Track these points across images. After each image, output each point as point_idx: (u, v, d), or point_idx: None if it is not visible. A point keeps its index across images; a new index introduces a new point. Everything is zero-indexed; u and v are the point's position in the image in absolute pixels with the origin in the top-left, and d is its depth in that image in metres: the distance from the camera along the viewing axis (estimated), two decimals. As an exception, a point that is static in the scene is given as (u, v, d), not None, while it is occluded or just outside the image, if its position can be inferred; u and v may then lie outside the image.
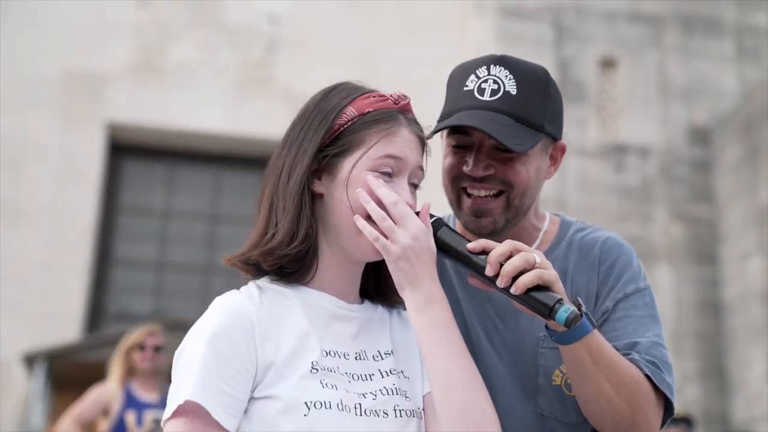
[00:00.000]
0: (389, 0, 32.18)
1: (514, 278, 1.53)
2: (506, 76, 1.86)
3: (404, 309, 1.71)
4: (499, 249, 1.56)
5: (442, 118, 1.96)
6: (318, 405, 1.46)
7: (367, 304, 1.73)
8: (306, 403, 1.46)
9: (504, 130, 1.77)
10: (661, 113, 31.49)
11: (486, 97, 1.85)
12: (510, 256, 1.55)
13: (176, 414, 1.47)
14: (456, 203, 1.92)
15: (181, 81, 30.32)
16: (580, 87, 30.05)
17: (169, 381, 5.11)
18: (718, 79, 32.34)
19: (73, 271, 27.85)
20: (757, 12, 33.61)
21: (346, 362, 1.57)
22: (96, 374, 26.06)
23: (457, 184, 1.90)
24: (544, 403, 1.84)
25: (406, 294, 1.63)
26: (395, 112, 1.73)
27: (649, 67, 32.02)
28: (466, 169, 1.87)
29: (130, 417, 7.21)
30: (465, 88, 1.93)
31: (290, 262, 1.60)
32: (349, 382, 1.55)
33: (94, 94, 30.25)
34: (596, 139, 29.06)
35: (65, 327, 26.49)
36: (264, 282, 1.63)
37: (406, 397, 1.60)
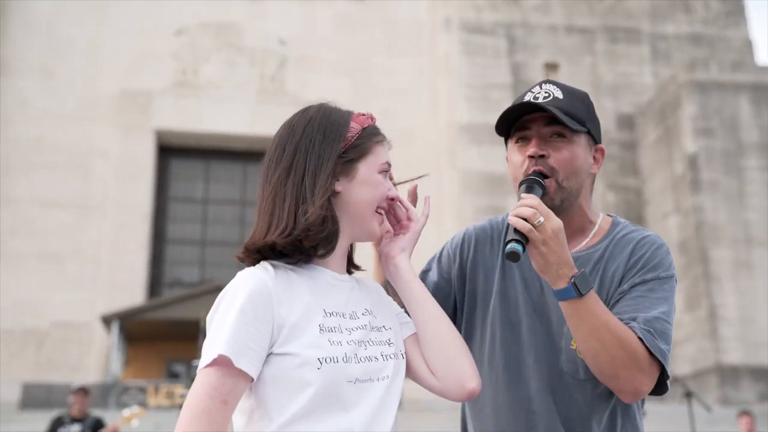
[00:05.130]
0: (373, 20, 32.57)
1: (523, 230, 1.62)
2: (554, 88, 1.85)
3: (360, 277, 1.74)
4: (529, 200, 1.64)
5: (505, 120, 1.90)
6: (328, 360, 1.47)
7: (345, 275, 1.70)
8: (319, 358, 1.46)
9: (557, 112, 1.78)
10: (594, 105, 33.20)
11: (540, 100, 1.82)
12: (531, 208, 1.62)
13: (210, 364, 1.43)
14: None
15: (211, 94, 30.49)
16: (530, 87, 33.68)
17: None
18: (638, 77, 32.75)
19: (136, 249, 28.39)
20: (667, 23, 33.76)
21: (344, 320, 1.56)
22: (158, 330, 26.87)
23: (524, 174, 1.82)
24: (564, 361, 1.81)
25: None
26: (376, 126, 1.69)
27: (584, 69, 32.62)
28: (528, 152, 1.82)
29: None
30: (527, 98, 1.87)
31: (323, 241, 1.56)
32: (350, 334, 1.54)
33: (144, 108, 29.88)
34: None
35: (132, 293, 27.24)
36: (274, 262, 1.58)
37: (389, 343, 1.60)
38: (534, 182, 1.74)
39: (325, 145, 1.59)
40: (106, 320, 25.01)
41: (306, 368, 1.45)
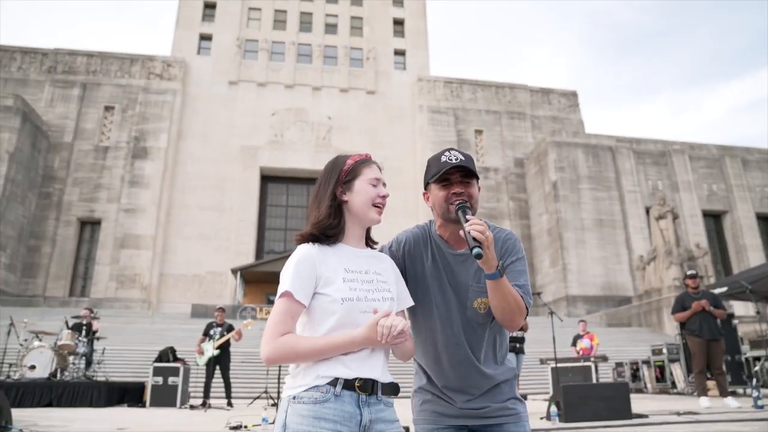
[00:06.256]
0: (380, 106, 33.03)
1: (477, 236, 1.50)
2: (458, 153, 1.72)
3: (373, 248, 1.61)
4: (479, 224, 1.52)
5: (436, 173, 1.72)
6: (347, 299, 1.41)
7: (367, 249, 1.58)
8: (342, 298, 1.41)
9: (472, 168, 1.71)
10: (501, 153, 32.51)
11: (454, 161, 1.69)
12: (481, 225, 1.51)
13: (281, 296, 1.39)
14: (447, 211, 1.71)
15: (291, 148, 30.91)
16: (467, 143, 32.19)
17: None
18: (525, 138, 33.44)
19: (249, 233, 29.04)
20: (539, 110, 34.62)
21: (360, 275, 1.49)
22: (261, 277, 25.43)
23: (448, 201, 1.70)
24: (469, 314, 1.73)
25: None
26: (368, 159, 1.60)
27: (496, 134, 33.33)
28: (453, 191, 1.70)
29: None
30: (443, 159, 1.72)
31: (330, 229, 1.51)
32: (362, 284, 1.47)
33: (254, 155, 30.40)
34: (477, 165, 30.86)
35: (247, 257, 28.02)
36: (318, 241, 1.49)
37: (389, 291, 1.52)
38: (467, 208, 1.66)
39: (329, 177, 1.56)
40: (234, 271, 25.71)
41: (334, 303, 1.42)
